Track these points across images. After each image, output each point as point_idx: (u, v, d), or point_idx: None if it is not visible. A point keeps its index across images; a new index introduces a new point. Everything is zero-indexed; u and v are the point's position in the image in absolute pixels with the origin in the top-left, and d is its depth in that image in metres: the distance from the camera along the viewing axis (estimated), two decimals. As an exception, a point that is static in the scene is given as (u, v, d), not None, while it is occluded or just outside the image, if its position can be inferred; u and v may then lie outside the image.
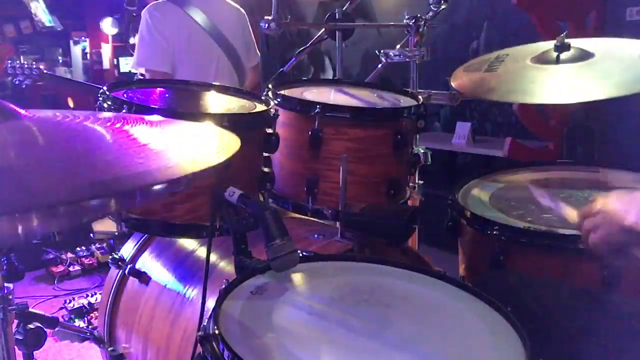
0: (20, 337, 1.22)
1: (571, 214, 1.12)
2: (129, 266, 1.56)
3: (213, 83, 1.60)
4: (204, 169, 0.69)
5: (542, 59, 1.56)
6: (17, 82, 2.96)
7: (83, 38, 6.11)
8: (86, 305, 3.02)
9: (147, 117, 0.96)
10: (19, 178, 0.60)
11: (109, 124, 0.84)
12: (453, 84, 1.68)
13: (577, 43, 1.56)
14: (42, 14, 5.72)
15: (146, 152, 0.72)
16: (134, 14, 3.05)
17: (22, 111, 0.78)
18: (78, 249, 3.73)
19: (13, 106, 0.78)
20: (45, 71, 3.03)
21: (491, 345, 0.88)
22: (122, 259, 1.61)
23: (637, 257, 0.96)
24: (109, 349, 1.59)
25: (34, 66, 2.95)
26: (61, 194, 0.56)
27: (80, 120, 0.83)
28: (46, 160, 0.66)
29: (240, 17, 2.60)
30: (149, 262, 1.58)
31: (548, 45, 1.59)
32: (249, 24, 2.63)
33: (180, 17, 2.42)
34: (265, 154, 1.40)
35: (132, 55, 2.59)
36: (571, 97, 1.47)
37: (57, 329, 1.48)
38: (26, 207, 0.52)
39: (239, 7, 2.61)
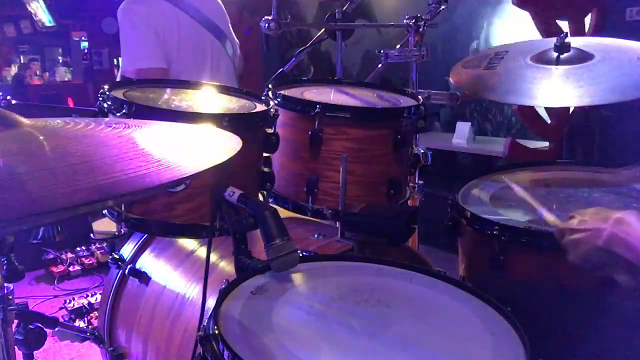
0: (20, 337, 1.22)
1: (552, 221, 1.13)
2: (129, 266, 1.56)
3: (213, 83, 1.60)
4: (203, 170, 0.69)
5: (541, 59, 1.56)
6: None
7: (83, 38, 6.11)
8: (86, 305, 3.02)
9: (147, 121, 0.96)
10: (20, 184, 0.60)
11: (108, 129, 0.84)
12: (452, 80, 1.68)
13: (577, 43, 1.56)
14: (42, 14, 5.73)
15: (146, 155, 0.72)
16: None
17: (24, 120, 0.79)
18: (78, 249, 3.73)
19: (15, 115, 0.78)
20: (13, 102, 2.84)
21: (491, 345, 0.88)
22: (122, 259, 1.61)
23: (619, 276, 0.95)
24: (109, 349, 1.59)
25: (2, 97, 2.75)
26: (60, 200, 0.56)
27: (81, 126, 0.83)
28: (47, 167, 0.66)
29: (218, 2, 2.46)
30: (149, 262, 1.58)
31: (548, 43, 1.59)
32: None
33: (164, 7, 2.25)
34: (265, 154, 1.40)
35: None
36: (570, 100, 1.47)
37: (57, 329, 1.48)
38: (27, 214, 0.52)
39: None
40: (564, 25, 3.14)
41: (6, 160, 0.66)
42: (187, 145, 0.85)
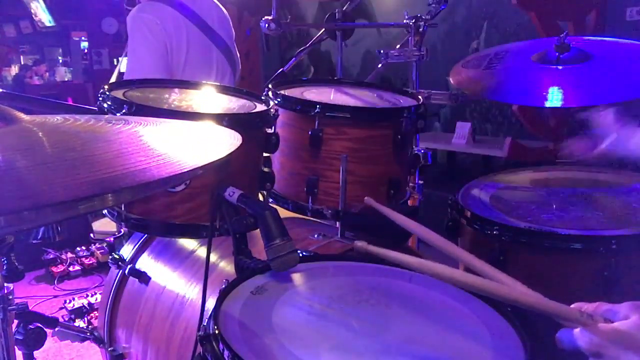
0: (20, 337, 1.22)
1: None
2: (129, 266, 1.56)
3: (213, 83, 1.60)
4: (204, 168, 0.69)
5: (541, 59, 1.56)
6: None
7: (83, 38, 6.11)
8: (86, 305, 3.03)
9: (147, 118, 0.96)
10: (20, 178, 0.60)
11: (108, 125, 0.84)
12: (451, 80, 1.68)
13: (577, 43, 1.56)
14: (42, 14, 5.73)
15: (146, 150, 0.72)
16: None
17: (24, 116, 0.79)
18: (78, 249, 3.74)
19: (14, 111, 0.78)
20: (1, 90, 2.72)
21: (491, 345, 0.88)
22: (122, 259, 1.61)
23: None
24: (109, 349, 1.60)
25: None
26: (60, 193, 0.56)
27: (80, 123, 0.84)
28: (47, 162, 0.66)
29: (226, 14, 2.46)
30: (149, 262, 1.58)
31: (548, 43, 1.59)
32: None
33: (176, 19, 2.22)
34: (265, 154, 1.40)
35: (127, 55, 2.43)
36: (570, 100, 1.47)
37: (57, 329, 1.48)
38: (26, 207, 0.52)
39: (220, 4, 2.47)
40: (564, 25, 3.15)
41: (5, 155, 0.66)
42: (188, 142, 0.85)
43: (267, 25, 1.81)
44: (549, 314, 0.81)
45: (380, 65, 1.97)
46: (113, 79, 2.92)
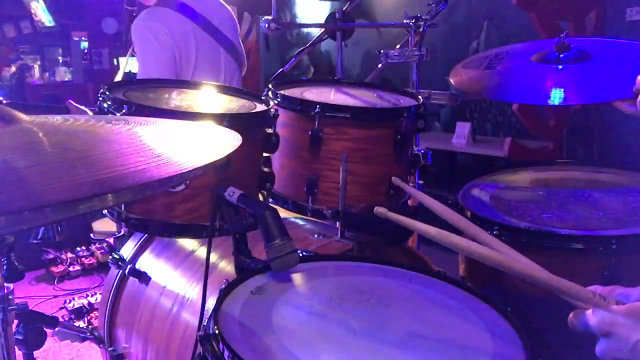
0: (20, 337, 1.22)
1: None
2: (129, 266, 1.56)
3: (213, 83, 1.60)
4: (204, 168, 0.69)
5: (541, 59, 1.57)
6: None
7: (83, 38, 6.11)
8: (86, 305, 3.03)
9: (147, 118, 0.96)
10: (20, 178, 0.60)
11: (108, 125, 0.84)
12: (452, 81, 1.68)
13: (576, 43, 1.56)
14: (42, 14, 5.73)
15: (146, 150, 0.72)
16: (134, 14, 2.99)
17: (24, 116, 0.79)
18: (78, 249, 3.73)
19: (14, 111, 0.78)
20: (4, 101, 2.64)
21: (491, 345, 0.88)
22: (122, 259, 1.61)
23: None
24: (109, 349, 1.59)
25: None
26: (60, 193, 0.56)
27: (80, 123, 0.84)
28: (47, 162, 0.66)
29: (230, 12, 2.44)
30: (149, 262, 1.58)
31: (547, 44, 1.59)
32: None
33: (179, 22, 2.20)
34: (265, 154, 1.40)
35: (132, 55, 2.42)
36: (571, 99, 1.47)
37: (57, 329, 1.48)
38: (26, 207, 0.52)
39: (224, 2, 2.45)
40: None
41: (5, 155, 0.66)
42: (188, 142, 0.85)
43: (267, 25, 1.81)
44: (564, 293, 0.82)
45: (380, 66, 1.97)
46: (119, 78, 2.91)
